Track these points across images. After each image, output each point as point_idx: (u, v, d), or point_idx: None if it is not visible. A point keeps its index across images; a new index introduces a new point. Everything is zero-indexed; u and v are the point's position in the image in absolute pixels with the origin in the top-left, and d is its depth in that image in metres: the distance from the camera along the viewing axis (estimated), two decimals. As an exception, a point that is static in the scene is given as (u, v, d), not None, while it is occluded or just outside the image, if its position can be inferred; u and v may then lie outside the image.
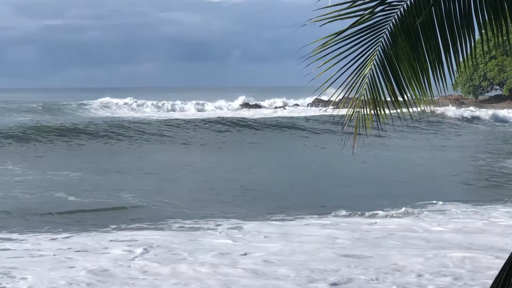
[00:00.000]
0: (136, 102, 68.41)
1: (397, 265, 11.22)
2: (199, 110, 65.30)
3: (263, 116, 48.02)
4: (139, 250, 12.08)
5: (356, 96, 5.32)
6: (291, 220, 15.22)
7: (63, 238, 13.22)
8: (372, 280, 10.47)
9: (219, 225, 14.52)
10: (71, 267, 11.08)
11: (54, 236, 13.36)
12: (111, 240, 12.96)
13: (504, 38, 4.96)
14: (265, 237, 13.49)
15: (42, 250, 12.32)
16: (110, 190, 18.69)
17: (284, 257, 11.82)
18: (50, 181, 20.36)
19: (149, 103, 67.43)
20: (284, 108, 65.03)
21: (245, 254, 12.08)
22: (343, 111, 5.67)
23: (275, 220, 15.22)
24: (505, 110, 59.19)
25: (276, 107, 66.87)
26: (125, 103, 67.51)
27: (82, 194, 17.80)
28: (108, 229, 14.07)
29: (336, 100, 5.33)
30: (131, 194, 17.88)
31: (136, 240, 12.87)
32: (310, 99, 65.68)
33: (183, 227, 14.38)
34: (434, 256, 11.79)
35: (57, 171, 22.21)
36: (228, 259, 11.68)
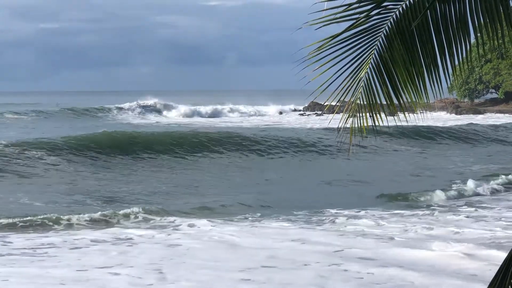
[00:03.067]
0: (193, 107, 67.75)
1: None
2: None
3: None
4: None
5: (352, 100, 5.31)
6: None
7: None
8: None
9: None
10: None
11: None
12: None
13: (500, 41, 4.95)
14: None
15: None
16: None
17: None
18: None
19: (208, 108, 66.96)
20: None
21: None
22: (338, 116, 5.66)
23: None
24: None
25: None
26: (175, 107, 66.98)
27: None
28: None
29: (332, 103, 5.32)
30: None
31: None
32: (305, 103, 65.75)
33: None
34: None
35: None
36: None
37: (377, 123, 5.42)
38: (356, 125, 5.38)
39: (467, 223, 15.55)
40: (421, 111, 5.61)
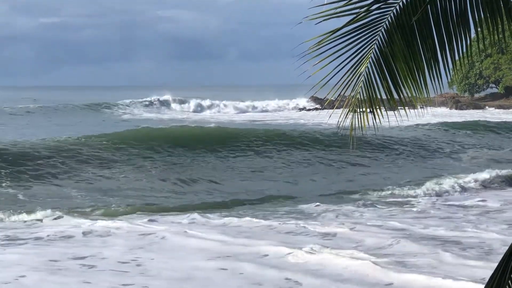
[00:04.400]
0: (214, 102, 67.02)
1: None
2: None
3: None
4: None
5: (352, 94, 5.31)
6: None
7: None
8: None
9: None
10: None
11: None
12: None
13: (500, 36, 4.95)
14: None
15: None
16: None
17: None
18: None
19: (230, 103, 66.53)
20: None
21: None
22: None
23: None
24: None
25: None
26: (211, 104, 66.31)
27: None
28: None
29: (332, 98, 5.32)
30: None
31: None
32: (306, 97, 65.65)
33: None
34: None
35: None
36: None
37: (377, 118, 5.41)
38: (356, 120, 5.38)
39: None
40: (421, 106, 5.61)
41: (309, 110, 64.45)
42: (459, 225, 15.39)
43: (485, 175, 22.76)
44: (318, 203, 18.00)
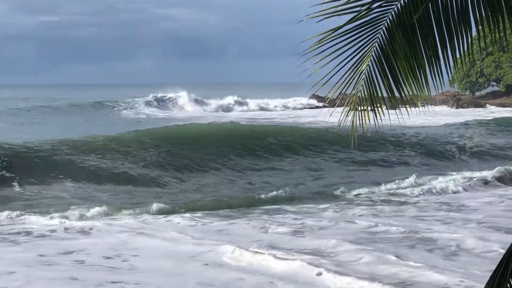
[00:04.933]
0: (238, 99, 66.67)
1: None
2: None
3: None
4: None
5: (353, 93, 5.31)
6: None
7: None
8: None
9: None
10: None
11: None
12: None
13: (501, 34, 4.95)
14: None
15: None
16: None
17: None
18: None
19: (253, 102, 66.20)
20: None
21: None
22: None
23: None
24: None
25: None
26: (234, 101, 65.75)
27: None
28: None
29: (333, 96, 5.32)
30: None
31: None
32: (307, 96, 65.49)
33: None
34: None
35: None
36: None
37: (378, 116, 5.41)
38: (357, 118, 5.38)
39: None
40: (422, 104, 5.61)
41: (317, 107, 64.08)
42: (414, 224, 15.31)
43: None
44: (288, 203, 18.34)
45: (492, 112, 56.62)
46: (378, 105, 5.37)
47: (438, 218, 16.32)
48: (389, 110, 5.51)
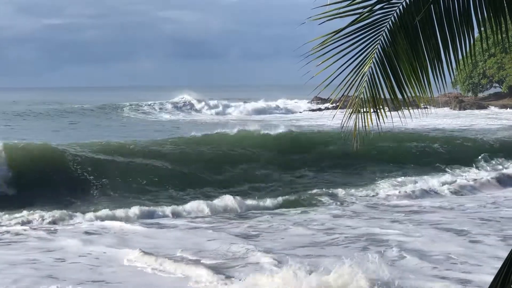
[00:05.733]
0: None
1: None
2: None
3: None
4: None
5: (356, 95, 5.31)
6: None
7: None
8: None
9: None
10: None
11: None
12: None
13: (504, 35, 4.95)
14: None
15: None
16: None
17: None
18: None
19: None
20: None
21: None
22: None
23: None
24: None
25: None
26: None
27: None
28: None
29: (335, 98, 5.32)
30: None
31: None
32: (309, 98, 65.39)
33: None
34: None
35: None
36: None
37: (380, 118, 5.41)
38: (359, 120, 5.38)
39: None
40: (424, 106, 5.61)
41: (327, 109, 63.72)
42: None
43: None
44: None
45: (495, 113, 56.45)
46: (381, 107, 5.37)
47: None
48: (391, 112, 5.51)
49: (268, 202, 18.88)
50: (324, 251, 13.14)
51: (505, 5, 4.84)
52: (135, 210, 17.19)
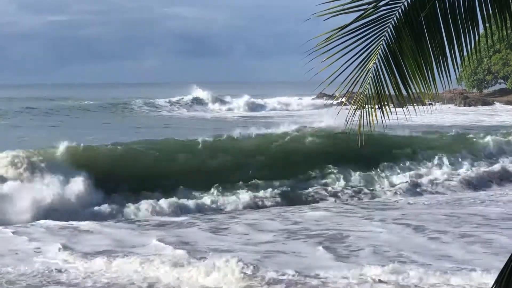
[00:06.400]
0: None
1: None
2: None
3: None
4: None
5: (360, 91, 5.31)
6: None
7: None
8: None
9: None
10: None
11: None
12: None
13: (509, 31, 4.94)
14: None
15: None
16: None
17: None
18: None
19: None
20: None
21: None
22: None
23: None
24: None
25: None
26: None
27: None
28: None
29: (340, 94, 5.32)
30: None
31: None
32: (314, 94, 65.40)
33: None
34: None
35: None
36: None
37: (385, 114, 5.41)
38: (364, 116, 5.38)
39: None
40: (429, 102, 5.61)
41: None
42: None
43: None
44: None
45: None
46: (386, 103, 5.37)
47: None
48: (396, 108, 5.50)
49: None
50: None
51: (510, 1, 4.84)
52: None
